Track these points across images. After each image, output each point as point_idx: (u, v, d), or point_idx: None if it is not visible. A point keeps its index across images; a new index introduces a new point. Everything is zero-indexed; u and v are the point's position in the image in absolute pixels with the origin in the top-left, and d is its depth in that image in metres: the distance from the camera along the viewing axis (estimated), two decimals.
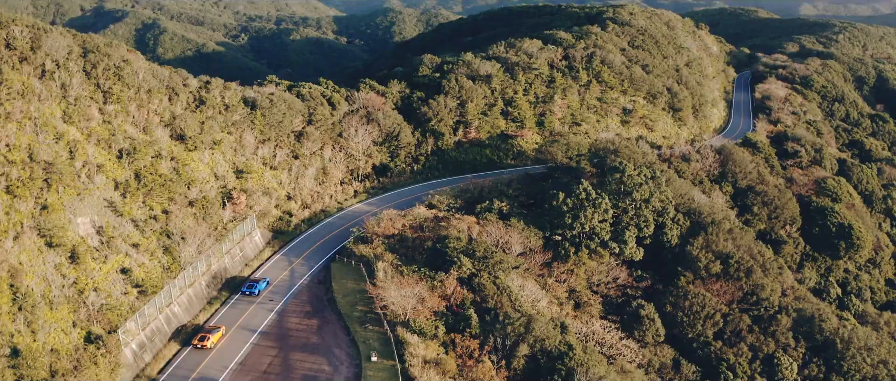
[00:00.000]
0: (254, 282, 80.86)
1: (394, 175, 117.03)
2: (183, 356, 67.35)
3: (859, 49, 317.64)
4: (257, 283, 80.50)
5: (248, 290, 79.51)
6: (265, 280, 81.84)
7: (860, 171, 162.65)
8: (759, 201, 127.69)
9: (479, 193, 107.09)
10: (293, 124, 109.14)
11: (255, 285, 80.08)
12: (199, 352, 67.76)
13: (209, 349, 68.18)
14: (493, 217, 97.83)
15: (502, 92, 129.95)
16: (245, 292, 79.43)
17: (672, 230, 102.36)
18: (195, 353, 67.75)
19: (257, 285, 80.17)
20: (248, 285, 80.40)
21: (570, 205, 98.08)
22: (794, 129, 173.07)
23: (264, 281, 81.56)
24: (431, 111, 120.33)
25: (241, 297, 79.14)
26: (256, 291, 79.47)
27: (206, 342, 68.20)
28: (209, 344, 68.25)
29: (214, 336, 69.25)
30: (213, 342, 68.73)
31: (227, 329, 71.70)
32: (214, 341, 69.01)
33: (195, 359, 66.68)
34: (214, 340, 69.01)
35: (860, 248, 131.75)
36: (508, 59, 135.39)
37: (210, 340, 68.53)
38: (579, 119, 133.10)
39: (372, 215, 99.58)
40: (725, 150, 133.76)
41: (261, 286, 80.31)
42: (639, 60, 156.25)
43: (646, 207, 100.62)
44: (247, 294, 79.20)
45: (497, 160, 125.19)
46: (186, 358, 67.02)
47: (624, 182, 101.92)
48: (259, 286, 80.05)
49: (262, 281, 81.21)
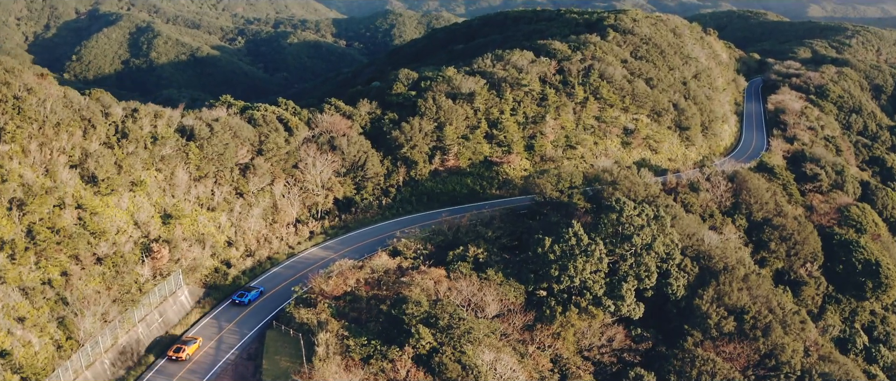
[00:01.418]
0: (244, 291, 79.99)
1: (359, 211, 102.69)
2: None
3: (873, 54, 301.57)
4: (248, 292, 79.64)
5: (242, 299, 78.80)
6: (259, 289, 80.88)
7: (885, 195, 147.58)
8: (776, 237, 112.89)
9: (453, 234, 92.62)
10: (238, 156, 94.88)
11: (246, 294, 79.26)
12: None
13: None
14: (466, 268, 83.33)
15: (487, 112, 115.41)
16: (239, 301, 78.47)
17: (678, 281, 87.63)
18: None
19: (248, 294, 79.29)
20: (238, 293, 79.78)
21: (558, 253, 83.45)
22: (812, 147, 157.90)
23: (258, 290, 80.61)
24: (403, 136, 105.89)
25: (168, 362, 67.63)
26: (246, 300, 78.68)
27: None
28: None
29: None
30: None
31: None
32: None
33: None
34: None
35: (889, 287, 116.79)
36: (495, 75, 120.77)
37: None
38: (575, 141, 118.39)
39: (325, 265, 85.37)
40: (739, 177, 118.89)
41: (252, 296, 79.42)
42: (642, 73, 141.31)
43: (647, 253, 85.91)
44: (237, 303, 78.24)
45: (480, 191, 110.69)
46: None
47: (622, 224, 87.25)
48: (249, 296, 79.11)
49: (254, 290, 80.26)
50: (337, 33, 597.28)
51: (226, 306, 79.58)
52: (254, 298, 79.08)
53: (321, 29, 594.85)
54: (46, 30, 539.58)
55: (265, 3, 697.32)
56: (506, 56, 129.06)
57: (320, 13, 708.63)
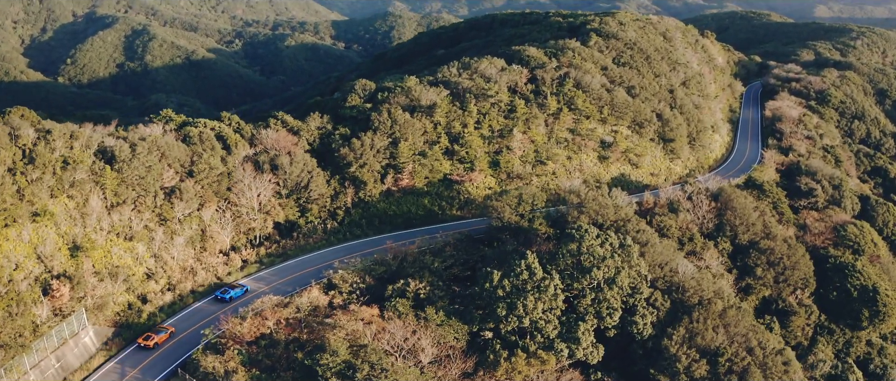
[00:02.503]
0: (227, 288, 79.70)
1: (302, 236, 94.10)
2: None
3: (879, 56, 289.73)
4: (232, 289, 79.35)
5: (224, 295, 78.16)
6: (244, 287, 79.99)
7: (886, 211, 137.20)
8: (763, 262, 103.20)
9: (398, 265, 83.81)
10: (163, 179, 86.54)
11: (230, 290, 78.92)
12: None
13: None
14: (404, 306, 74.50)
15: (448, 126, 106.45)
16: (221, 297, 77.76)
17: (645, 318, 78.32)
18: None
19: (232, 291, 78.90)
20: (222, 289, 79.23)
21: (508, 288, 74.46)
22: (809, 159, 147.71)
23: (243, 288, 79.84)
24: (352, 153, 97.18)
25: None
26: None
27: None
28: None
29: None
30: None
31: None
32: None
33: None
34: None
35: (888, 316, 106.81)
36: (459, 85, 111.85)
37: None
38: (545, 156, 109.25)
39: (249, 301, 76.98)
40: (723, 195, 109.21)
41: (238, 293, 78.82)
42: (624, 81, 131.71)
43: (610, 288, 76.71)
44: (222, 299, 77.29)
45: (438, 212, 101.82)
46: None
47: (582, 255, 78.11)
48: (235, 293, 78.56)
49: (238, 288, 79.71)
50: (336, 35, 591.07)
51: (135, 347, 71.55)
52: (237, 296, 78.91)
53: (320, 31, 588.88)
54: (43, 33, 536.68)
55: (265, 5, 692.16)
56: (473, 64, 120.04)
57: (321, 15, 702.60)
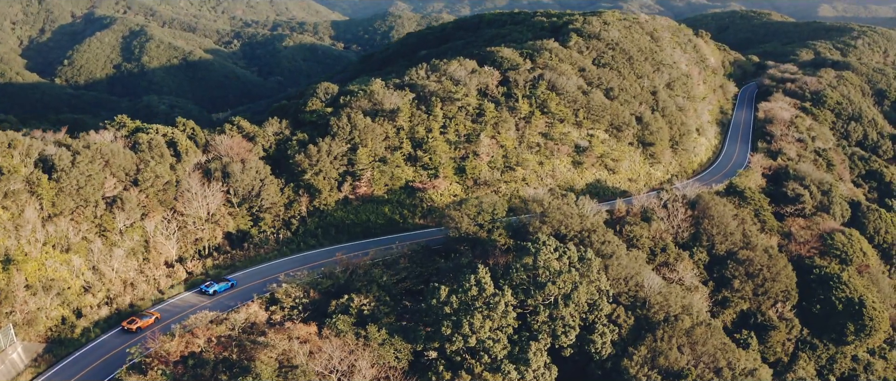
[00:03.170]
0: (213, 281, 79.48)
1: (253, 246, 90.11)
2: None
3: (880, 55, 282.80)
4: (216, 282, 78.86)
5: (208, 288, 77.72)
6: (231, 281, 79.48)
7: (878, 217, 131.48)
8: (741, 273, 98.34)
9: (347, 278, 79.65)
10: (105, 188, 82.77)
11: (214, 284, 78.48)
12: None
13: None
14: (345, 323, 70.30)
15: (411, 131, 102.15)
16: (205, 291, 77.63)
17: (604, 337, 73.71)
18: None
19: (216, 284, 78.39)
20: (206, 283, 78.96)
21: (456, 305, 70.10)
22: (798, 163, 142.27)
23: (230, 282, 79.38)
24: (307, 160, 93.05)
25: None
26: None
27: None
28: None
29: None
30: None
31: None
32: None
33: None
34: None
35: (874, 330, 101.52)
36: (425, 88, 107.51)
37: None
38: (515, 162, 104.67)
39: (195, 314, 73.16)
40: (701, 203, 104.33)
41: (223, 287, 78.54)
42: (602, 83, 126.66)
43: (566, 305, 72.15)
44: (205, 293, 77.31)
45: (399, 221, 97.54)
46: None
47: (537, 269, 73.60)
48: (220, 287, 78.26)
49: (225, 282, 79.20)
50: (335, 36, 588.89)
51: (65, 364, 67.79)
52: (222, 290, 78.16)
53: (319, 31, 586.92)
54: (41, 34, 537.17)
55: (265, 5, 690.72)
56: (442, 66, 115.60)
57: (321, 15, 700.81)
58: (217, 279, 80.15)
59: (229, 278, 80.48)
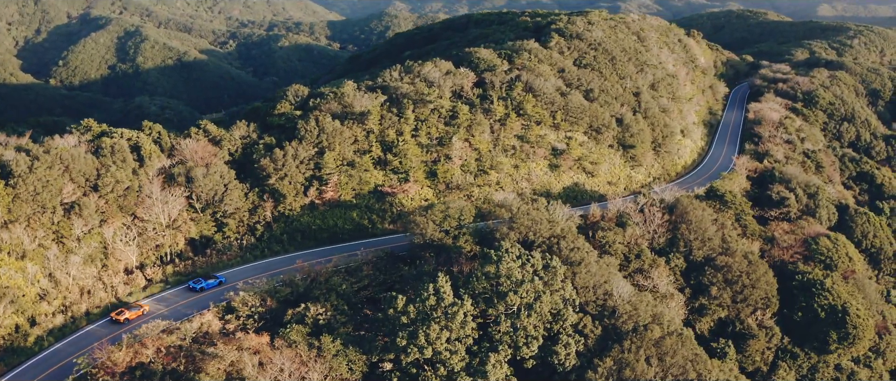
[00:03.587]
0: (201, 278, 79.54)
1: (216, 252, 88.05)
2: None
3: (877, 55, 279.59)
4: (205, 280, 78.79)
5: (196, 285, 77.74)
6: (219, 278, 79.53)
7: (866, 221, 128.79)
8: (719, 280, 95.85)
9: (307, 286, 77.52)
10: (63, 194, 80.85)
11: (202, 281, 78.50)
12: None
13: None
14: (298, 333, 68.18)
15: (382, 134, 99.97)
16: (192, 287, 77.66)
17: (568, 348, 71.40)
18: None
19: (205, 281, 78.38)
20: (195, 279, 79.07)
21: (413, 315, 67.93)
22: (785, 165, 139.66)
23: (218, 279, 79.38)
24: (272, 164, 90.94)
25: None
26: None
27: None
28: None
29: None
30: None
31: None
32: None
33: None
34: None
35: (857, 338, 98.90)
36: (398, 89, 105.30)
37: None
38: (488, 165, 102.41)
39: (140, 324, 71.20)
40: (679, 207, 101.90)
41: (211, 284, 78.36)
42: (582, 84, 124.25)
43: (528, 315, 69.88)
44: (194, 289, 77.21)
45: (368, 226, 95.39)
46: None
47: (499, 278, 71.32)
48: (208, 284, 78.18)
49: (213, 279, 79.25)
50: (331, 36, 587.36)
51: (16, 373, 65.51)
52: (209, 286, 78.07)
53: (315, 31, 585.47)
54: (37, 34, 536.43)
55: (262, 6, 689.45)
56: (416, 68, 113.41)
57: (318, 15, 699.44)
58: (205, 276, 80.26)
59: (218, 276, 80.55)
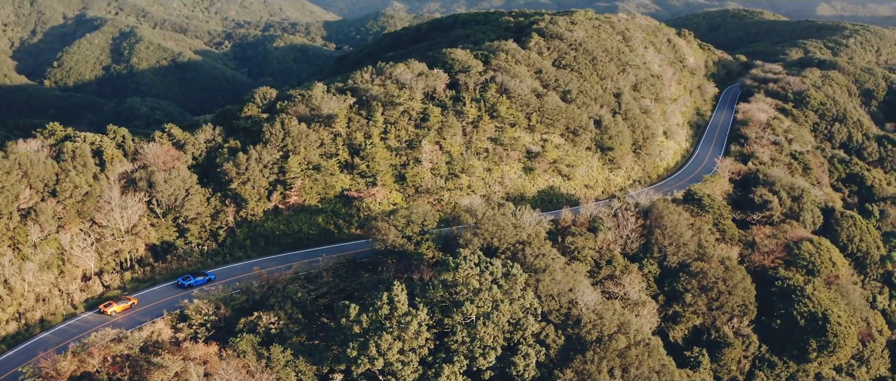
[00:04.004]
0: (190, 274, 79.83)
1: (177, 258, 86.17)
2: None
3: (872, 54, 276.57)
4: (194, 277, 79.00)
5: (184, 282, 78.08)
6: (209, 275, 79.68)
7: (851, 224, 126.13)
8: (694, 286, 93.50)
9: (263, 293, 75.59)
10: (20, 200, 79.09)
11: (191, 278, 78.72)
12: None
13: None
14: (247, 343, 66.30)
15: (350, 136, 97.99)
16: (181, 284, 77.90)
17: (528, 358, 69.22)
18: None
19: (193, 278, 78.61)
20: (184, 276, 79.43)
21: (366, 324, 65.98)
22: (770, 167, 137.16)
23: (208, 276, 79.51)
24: (235, 168, 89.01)
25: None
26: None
27: None
28: None
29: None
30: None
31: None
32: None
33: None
34: None
35: (838, 346, 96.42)
36: (368, 91, 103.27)
37: None
38: (460, 169, 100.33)
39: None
40: (654, 211, 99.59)
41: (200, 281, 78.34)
42: (560, 85, 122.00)
43: (485, 324, 67.78)
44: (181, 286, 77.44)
45: (334, 231, 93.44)
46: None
47: (455, 286, 69.24)
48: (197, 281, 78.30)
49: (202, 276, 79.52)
50: (327, 36, 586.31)
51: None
52: (198, 283, 77.94)
53: (311, 32, 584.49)
54: (33, 35, 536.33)
55: (259, 6, 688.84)
56: (387, 69, 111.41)
57: (315, 15, 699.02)
58: (195, 274, 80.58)
59: (208, 273, 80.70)
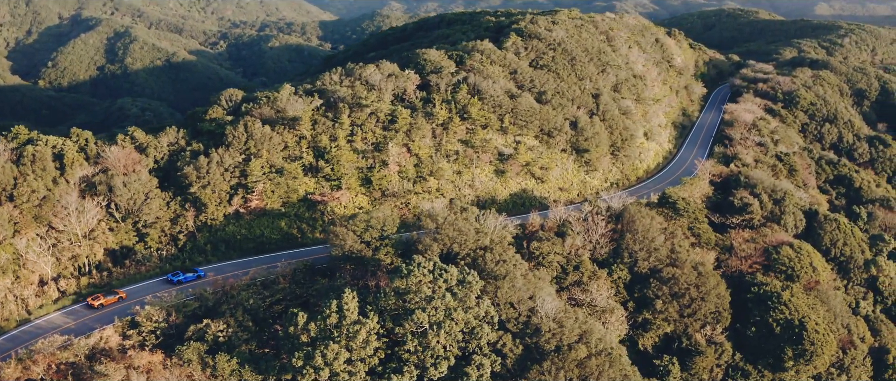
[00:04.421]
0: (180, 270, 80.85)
1: (135, 264, 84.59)
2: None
3: (867, 54, 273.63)
4: (183, 273, 79.92)
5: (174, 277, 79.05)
6: (198, 271, 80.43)
7: (835, 228, 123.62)
8: (665, 293, 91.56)
9: (216, 300, 73.94)
10: None
11: (181, 274, 79.82)
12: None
13: None
14: (194, 351, 64.68)
15: (314, 139, 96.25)
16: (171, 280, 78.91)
17: (482, 369, 67.39)
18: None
19: (183, 274, 79.63)
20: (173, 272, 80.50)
21: (314, 333, 64.29)
22: (755, 168, 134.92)
23: (198, 272, 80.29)
24: (195, 172, 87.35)
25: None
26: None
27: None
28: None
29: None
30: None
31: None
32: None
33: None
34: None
35: (815, 355, 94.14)
36: (335, 93, 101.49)
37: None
38: (428, 172, 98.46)
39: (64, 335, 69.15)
40: (626, 215, 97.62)
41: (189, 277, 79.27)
42: (535, 86, 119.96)
43: (437, 334, 65.98)
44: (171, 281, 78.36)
45: (297, 236, 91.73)
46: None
47: (407, 294, 67.46)
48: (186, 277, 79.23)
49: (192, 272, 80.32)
50: (323, 36, 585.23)
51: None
52: (187, 279, 78.96)
53: (307, 32, 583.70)
54: (28, 35, 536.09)
55: (256, 6, 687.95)
56: (357, 70, 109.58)
57: (312, 15, 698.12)
58: (185, 269, 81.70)
59: (198, 270, 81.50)
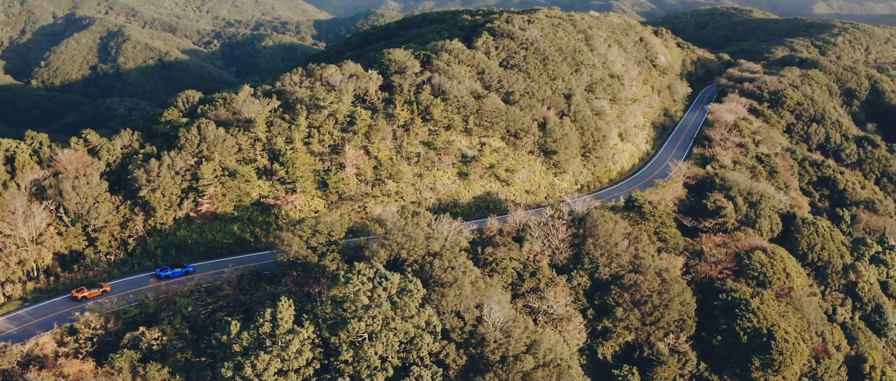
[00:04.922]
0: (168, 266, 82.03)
1: (83, 269, 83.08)
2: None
3: (861, 53, 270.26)
4: (171, 268, 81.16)
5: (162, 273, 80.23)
6: (187, 267, 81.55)
7: (813, 232, 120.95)
8: (626, 300, 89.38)
9: (157, 307, 72.30)
10: None
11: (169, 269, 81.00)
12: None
13: None
14: (124, 360, 63.14)
15: (270, 141, 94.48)
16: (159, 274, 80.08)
17: (420, 380, 65.49)
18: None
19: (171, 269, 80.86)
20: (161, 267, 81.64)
21: (247, 342, 62.55)
22: (731, 170, 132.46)
23: (186, 268, 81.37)
24: (145, 175, 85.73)
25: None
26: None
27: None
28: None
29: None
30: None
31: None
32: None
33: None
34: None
35: (783, 365, 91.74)
36: (293, 94, 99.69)
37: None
38: (388, 174, 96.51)
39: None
40: (589, 219, 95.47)
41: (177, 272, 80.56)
42: (503, 86, 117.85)
43: (372, 344, 64.13)
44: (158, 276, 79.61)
45: (251, 240, 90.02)
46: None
47: (344, 302, 65.63)
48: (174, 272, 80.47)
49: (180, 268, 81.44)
50: (317, 35, 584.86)
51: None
52: (175, 275, 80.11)
53: (301, 31, 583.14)
54: (22, 35, 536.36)
55: (251, 5, 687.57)
56: (317, 70, 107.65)
57: (308, 14, 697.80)
58: (172, 265, 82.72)
59: (187, 266, 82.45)
